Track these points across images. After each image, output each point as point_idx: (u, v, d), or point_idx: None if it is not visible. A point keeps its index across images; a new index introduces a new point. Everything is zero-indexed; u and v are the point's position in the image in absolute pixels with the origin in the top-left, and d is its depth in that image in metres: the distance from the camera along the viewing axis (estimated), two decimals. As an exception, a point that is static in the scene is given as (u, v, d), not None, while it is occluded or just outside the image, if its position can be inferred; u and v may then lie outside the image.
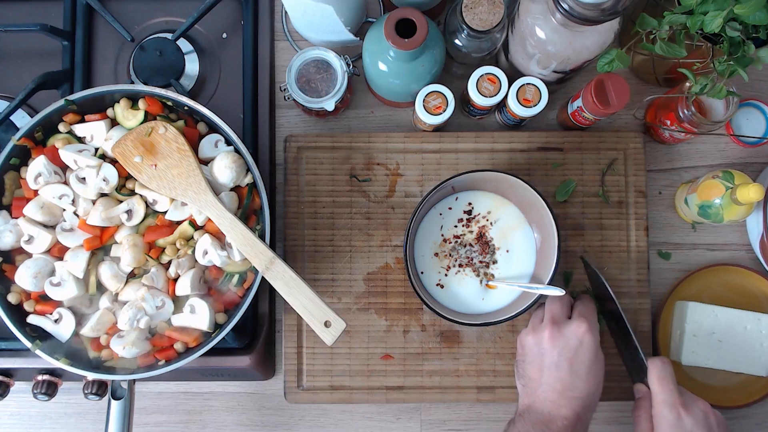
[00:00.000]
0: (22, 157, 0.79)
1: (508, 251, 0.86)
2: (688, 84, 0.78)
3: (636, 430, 0.77)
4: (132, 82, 0.91)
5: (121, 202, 0.79)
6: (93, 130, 0.80)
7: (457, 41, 0.81)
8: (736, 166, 0.93)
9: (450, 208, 0.87)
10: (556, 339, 0.76)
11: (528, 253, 0.86)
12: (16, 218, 0.78)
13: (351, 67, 0.84)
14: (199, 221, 0.78)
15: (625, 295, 0.89)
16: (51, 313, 0.78)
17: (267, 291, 0.89)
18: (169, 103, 0.81)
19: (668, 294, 0.90)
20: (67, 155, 0.78)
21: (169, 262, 0.78)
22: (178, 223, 0.79)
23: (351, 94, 0.93)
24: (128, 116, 0.80)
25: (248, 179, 0.79)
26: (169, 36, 0.90)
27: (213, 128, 0.81)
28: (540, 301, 0.79)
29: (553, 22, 0.74)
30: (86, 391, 0.83)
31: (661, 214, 0.93)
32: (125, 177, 0.79)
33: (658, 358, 0.77)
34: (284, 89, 0.84)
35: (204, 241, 0.77)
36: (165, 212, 0.78)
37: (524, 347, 0.79)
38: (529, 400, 0.76)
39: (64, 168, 0.79)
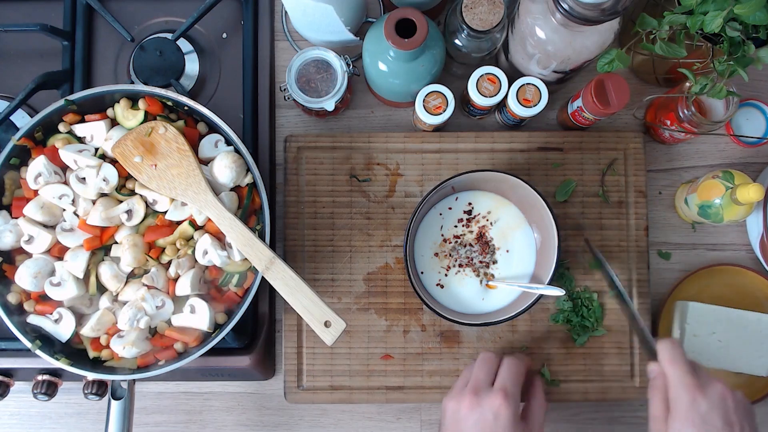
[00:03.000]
0: (22, 157, 0.79)
1: (508, 251, 0.86)
2: (688, 84, 0.78)
3: (650, 410, 0.74)
4: (132, 82, 0.91)
5: (121, 202, 0.79)
6: (93, 130, 0.80)
7: (457, 41, 0.81)
8: (736, 166, 0.93)
9: (450, 208, 0.87)
10: (473, 409, 0.74)
11: (528, 253, 0.86)
12: (16, 218, 0.78)
13: (351, 67, 0.84)
14: (199, 221, 0.78)
15: (625, 295, 0.89)
16: (51, 313, 0.78)
17: (267, 291, 0.89)
18: (169, 103, 0.81)
19: (668, 294, 0.90)
20: (67, 155, 0.78)
21: (169, 262, 0.78)
22: (178, 223, 0.79)
23: (351, 94, 0.93)
24: (128, 116, 0.80)
25: (248, 179, 0.79)
26: (169, 36, 0.90)
27: (213, 128, 0.81)
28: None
29: (553, 22, 0.74)
30: (86, 391, 0.83)
31: (661, 214, 0.93)
32: (125, 177, 0.79)
33: (667, 340, 0.74)
34: (284, 89, 0.84)
35: (204, 241, 0.77)
36: (165, 212, 0.78)
37: (445, 412, 0.78)
38: None
39: (64, 168, 0.79)
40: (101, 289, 0.79)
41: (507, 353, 0.82)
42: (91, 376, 0.77)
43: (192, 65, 0.92)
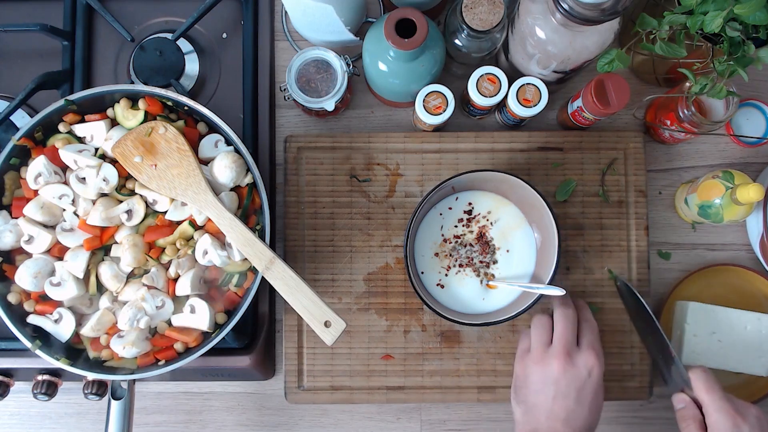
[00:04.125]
0: (22, 157, 0.79)
1: (508, 251, 0.86)
2: (688, 84, 0.78)
3: None
4: (132, 82, 0.91)
5: (121, 202, 0.79)
6: (93, 130, 0.80)
7: (457, 41, 0.81)
8: (736, 166, 0.93)
9: (450, 208, 0.87)
10: (567, 370, 0.76)
11: (528, 253, 0.86)
12: (16, 218, 0.78)
13: (351, 67, 0.84)
14: (199, 221, 0.78)
15: (625, 295, 0.89)
16: (51, 313, 0.78)
17: (267, 291, 0.89)
18: (169, 103, 0.81)
19: (668, 294, 0.90)
20: (67, 155, 0.78)
21: (169, 262, 0.78)
22: (178, 223, 0.79)
23: (351, 94, 0.93)
24: (128, 116, 0.80)
25: (248, 179, 0.79)
26: (169, 36, 0.90)
27: (213, 128, 0.81)
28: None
29: (553, 22, 0.74)
30: (86, 391, 0.83)
31: (661, 214, 0.93)
32: (125, 177, 0.79)
33: (698, 368, 0.76)
34: (284, 89, 0.84)
35: (204, 241, 0.77)
36: (165, 212, 0.78)
37: (529, 376, 0.78)
38: (531, 427, 0.76)
39: (64, 168, 0.79)
40: (101, 289, 0.79)
41: (582, 312, 0.82)
42: (91, 376, 0.77)
43: (192, 65, 0.92)
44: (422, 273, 0.86)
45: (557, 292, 0.79)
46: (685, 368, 0.78)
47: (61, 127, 0.80)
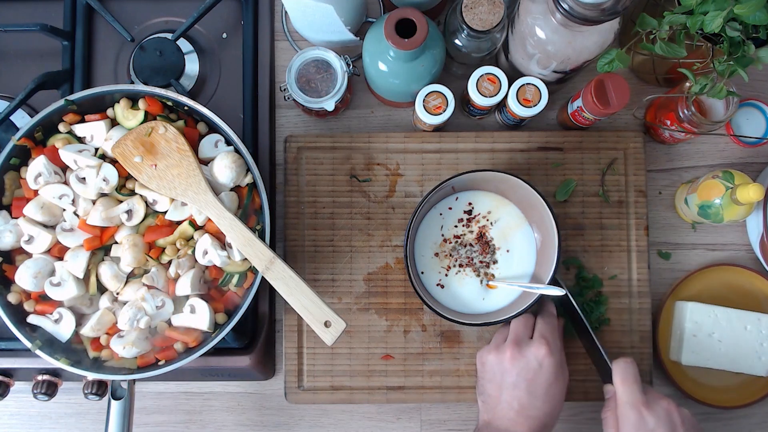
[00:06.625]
0: (22, 157, 0.79)
1: (508, 251, 0.86)
2: (688, 84, 0.78)
3: (605, 430, 0.77)
4: (132, 82, 0.91)
5: (121, 202, 0.79)
6: (93, 130, 0.80)
7: (457, 41, 0.81)
8: (736, 166, 0.93)
9: (450, 208, 0.87)
10: (516, 360, 0.76)
11: (528, 252, 0.86)
12: (16, 218, 0.78)
13: (351, 67, 0.84)
14: (199, 221, 0.78)
15: (625, 295, 0.89)
16: (51, 313, 0.78)
17: (267, 291, 0.89)
18: (169, 103, 0.81)
19: (668, 294, 0.90)
20: (67, 155, 0.78)
21: (169, 262, 0.78)
22: (178, 223, 0.79)
23: (351, 94, 0.93)
24: (128, 116, 0.80)
25: (248, 179, 0.79)
26: (169, 36, 0.90)
27: (213, 128, 0.81)
28: (508, 318, 0.80)
29: (553, 22, 0.74)
30: (86, 391, 0.83)
31: (661, 214, 0.93)
32: (125, 177, 0.79)
33: (621, 359, 0.77)
34: (284, 89, 0.84)
35: (204, 241, 0.77)
36: (165, 212, 0.78)
37: (485, 365, 0.80)
38: (488, 417, 0.78)
39: (64, 168, 0.79)
40: (101, 289, 0.79)
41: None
42: (91, 376, 0.77)
43: (192, 65, 0.92)
44: (422, 273, 0.86)
45: (557, 292, 0.79)
46: (610, 360, 0.79)
47: (61, 127, 0.80)
